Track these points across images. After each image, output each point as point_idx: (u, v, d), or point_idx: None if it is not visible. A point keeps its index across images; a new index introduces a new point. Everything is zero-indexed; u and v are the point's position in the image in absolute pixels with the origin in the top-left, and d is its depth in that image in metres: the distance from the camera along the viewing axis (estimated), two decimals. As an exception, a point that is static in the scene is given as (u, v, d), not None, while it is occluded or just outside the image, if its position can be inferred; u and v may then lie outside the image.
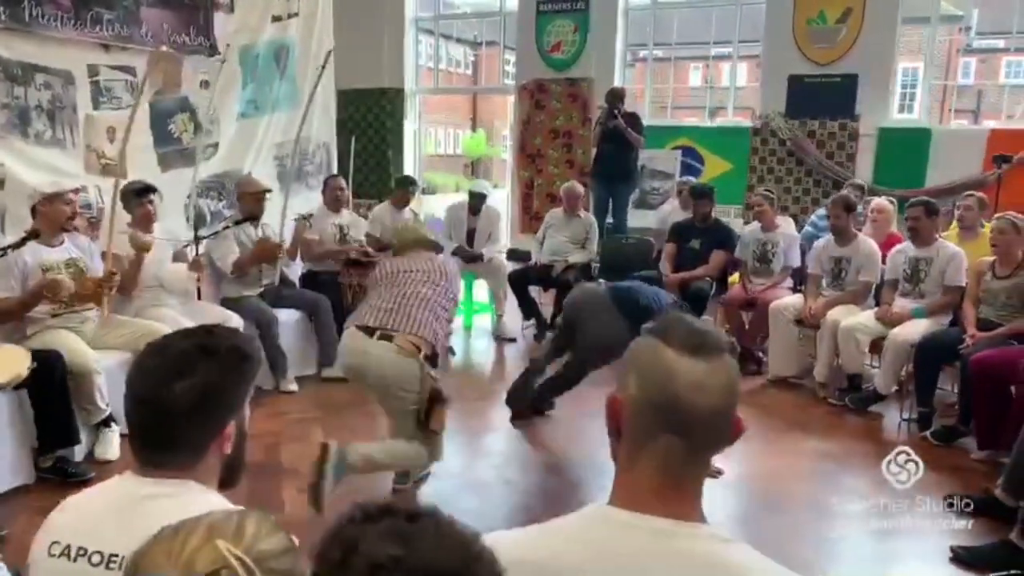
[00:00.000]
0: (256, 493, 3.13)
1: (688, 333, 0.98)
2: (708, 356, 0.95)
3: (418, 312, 2.95)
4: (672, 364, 0.95)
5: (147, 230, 4.00)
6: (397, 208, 5.54)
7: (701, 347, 0.96)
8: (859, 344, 4.29)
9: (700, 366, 0.95)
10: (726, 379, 0.96)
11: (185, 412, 1.14)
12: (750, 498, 3.34)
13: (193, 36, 4.98)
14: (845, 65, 7.36)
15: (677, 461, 0.96)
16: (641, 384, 0.98)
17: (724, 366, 0.97)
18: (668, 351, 0.96)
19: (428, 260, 3.29)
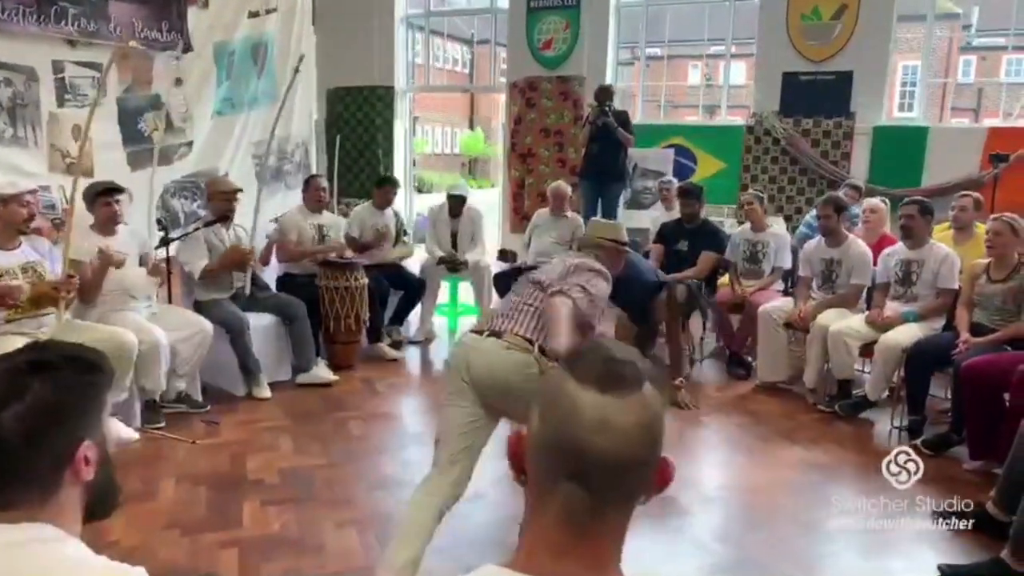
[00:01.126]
0: (215, 506, 3.01)
1: (601, 362, 0.83)
2: (619, 391, 0.80)
3: (525, 318, 2.56)
4: (575, 399, 0.81)
5: (110, 232, 3.87)
6: (378, 208, 5.39)
7: (612, 380, 0.81)
8: (849, 349, 4.15)
9: (607, 402, 0.80)
10: (638, 419, 0.81)
11: (21, 442, 0.98)
12: (731, 512, 3.20)
13: (165, 32, 4.85)
14: (840, 62, 7.22)
15: (580, 515, 0.81)
16: (541, 420, 0.84)
17: (639, 404, 0.81)
18: (571, 383, 0.82)
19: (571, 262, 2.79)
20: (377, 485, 3.17)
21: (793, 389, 4.56)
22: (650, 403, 0.83)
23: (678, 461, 0.89)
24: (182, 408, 3.97)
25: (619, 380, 0.81)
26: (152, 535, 2.76)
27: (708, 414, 4.23)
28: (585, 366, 0.83)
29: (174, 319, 3.98)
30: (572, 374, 0.83)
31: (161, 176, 4.97)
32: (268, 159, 5.39)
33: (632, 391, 0.81)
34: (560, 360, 0.86)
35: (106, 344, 3.50)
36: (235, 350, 4.23)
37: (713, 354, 5.29)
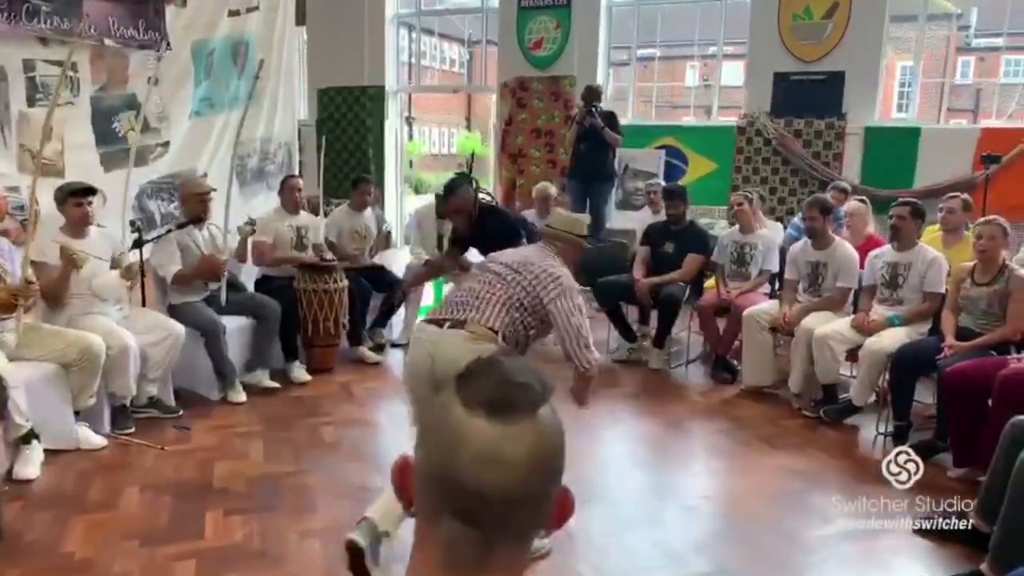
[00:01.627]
0: (178, 515, 2.93)
1: (492, 384, 0.74)
2: (511, 417, 0.72)
3: (491, 307, 2.56)
4: (459, 427, 0.72)
5: (81, 235, 3.79)
6: (356, 210, 5.29)
7: (503, 405, 0.72)
8: (834, 353, 4.07)
9: (496, 432, 0.71)
10: (532, 450, 0.72)
11: None
12: (709, 521, 3.11)
13: (143, 30, 4.77)
14: (832, 62, 7.14)
15: (466, 556, 0.73)
16: (424, 449, 0.76)
17: (533, 432, 0.72)
18: (457, 408, 0.73)
19: (528, 254, 2.76)
20: (344, 494, 3.09)
21: (778, 394, 4.48)
22: (547, 430, 0.74)
23: (656, 468, 0.80)
24: (153, 413, 3.89)
25: (511, 405, 0.72)
26: (109, 546, 2.68)
27: (690, 419, 4.15)
28: (474, 388, 0.74)
29: (145, 322, 3.91)
30: (459, 397, 0.74)
31: (137, 177, 4.89)
32: (251, 159, 5.32)
33: (525, 417, 0.73)
34: (453, 379, 0.78)
35: (72, 349, 3.45)
36: (210, 354, 4.15)
37: (698, 358, 5.21)
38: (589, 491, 3.25)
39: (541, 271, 2.65)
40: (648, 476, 3.54)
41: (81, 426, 3.53)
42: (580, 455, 3.69)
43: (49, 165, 4.38)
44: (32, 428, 3.25)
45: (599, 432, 3.95)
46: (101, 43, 4.56)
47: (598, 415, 4.13)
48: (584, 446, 3.81)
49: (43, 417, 3.34)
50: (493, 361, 0.79)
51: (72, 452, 3.44)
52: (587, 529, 2.96)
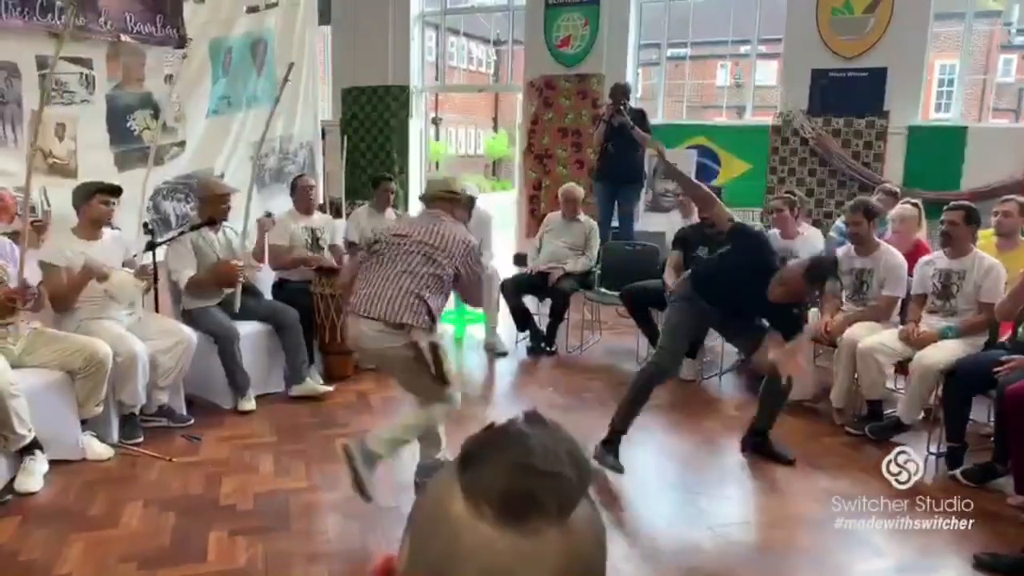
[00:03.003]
0: (181, 534, 2.77)
1: (506, 473, 0.53)
2: (530, 525, 0.51)
3: (399, 298, 2.85)
4: (460, 530, 0.52)
5: (95, 236, 3.66)
6: (378, 210, 5.13)
7: (521, 505, 0.52)
8: (880, 367, 3.80)
9: (507, 545, 0.51)
10: (550, 571, 0.51)
11: None
12: (741, 550, 2.88)
13: (160, 26, 4.65)
14: (873, 58, 6.85)
15: None
16: (412, 553, 0.56)
17: (560, 547, 0.52)
18: (458, 502, 0.53)
19: (432, 224, 2.98)
20: (355, 514, 2.90)
21: (819, 409, 4.23)
22: (580, 543, 0.53)
23: (687, 490, 0.60)
24: (163, 422, 3.75)
25: (531, 508, 0.52)
26: (106, 569, 2.54)
27: (724, 435, 3.91)
28: (483, 475, 0.54)
29: (156, 328, 3.77)
30: (462, 487, 0.54)
31: (152, 177, 4.77)
32: (269, 159, 5.19)
33: (551, 525, 0.52)
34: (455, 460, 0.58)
35: (78, 355, 3.32)
36: (223, 362, 4.00)
37: (733, 368, 4.97)
38: (615, 513, 3.05)
39: (453, 241, 2.93)
40: (678, 498, 3.31)
41: (87, 436, 3.40)
42: (606, 474, 3.47)
43: (61, 164, 4.29)
44: (35, 438, 3.12)
45: (625, 448, 3.73)
46: (117, 39, 4.44)
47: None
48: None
49: (47, 427, 3.21)
50: (511, 432, 0.57)
51: (78, 463, 3.31)
52: (614, 555, 2.75)
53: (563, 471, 0.54)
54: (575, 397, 4.49)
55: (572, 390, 4.60)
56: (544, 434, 0.56)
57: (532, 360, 5.24)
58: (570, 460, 0.55)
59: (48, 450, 3.20)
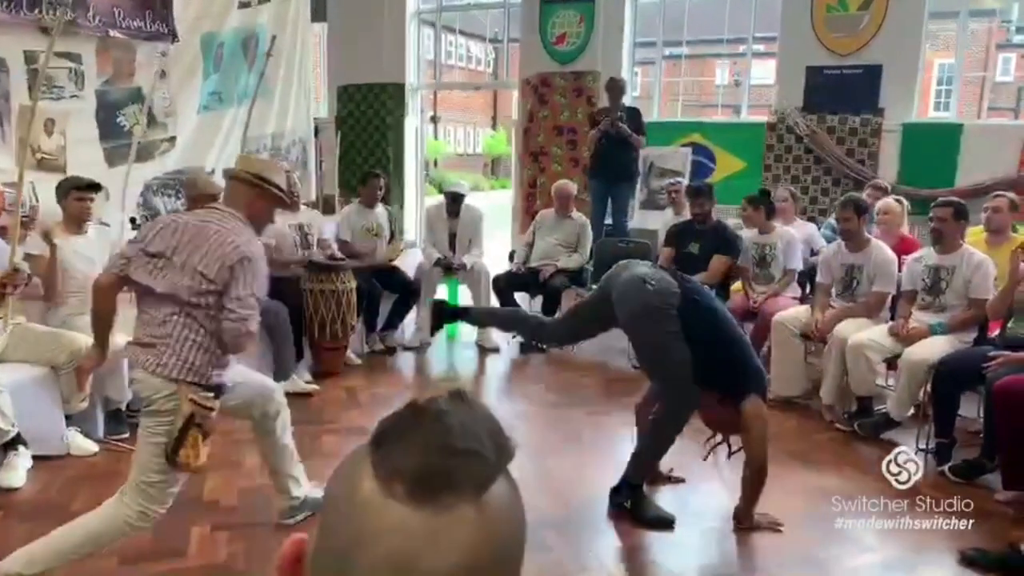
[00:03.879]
0: (162, 530, 2.74)
1: (422, 448, 0.51)
2: (442, 502, 0.49)
3: (164, 344, 2.22)
4: (368, 509, 0.50)
5: (79, 231, 3.66)
6: (367, 207, 5.11)
7: (433, 481, 0.50)
8: (870, 363, 3.79)
9: (418, 523, 0.49)
10: (467, 554, 0.49)
11: None
12: (731, 547, 2.86)
13: (149, 21, 4.63)
14: (868, 56, 6.82)
15: None
16: (322, 532, 0.53)
17: (473, 525, 0.50)
18: (367, 481, 0.51)
19: (198, 232, 2.25)
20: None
21: (809, 405, 4.21)
22: (495, 521, 0.51)
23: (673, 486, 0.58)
24: (150, 418, 3.73)
25: (443, 484, 0.50)
26: (85, 564, 2.51)
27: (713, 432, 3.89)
28: (395, 455, 0.51)
29: (142, 323, 3.75)
30: (373, 465, 0.51)
31: (143, 173, 4.77)
32: (261, 155, 5.16)
33: (464, 502, 0.50)
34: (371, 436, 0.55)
35: (62, 351, 3.31)
36: (209, 357, 3.98)
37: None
38: (601, 511, 3.03)
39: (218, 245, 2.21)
40: (665, 495, 3.29)
41: (72, 431, 3.39)
42: (592, 470, 3.46)
43: (50, 160, 4.28)
44: (18, 434, 3.11)
45: (614, 446, 3.72)
46: (106, 34, 4.42)
47: (613, 427, 3.91)
48: (597, 460, 3.60)
49: (32, 422, 3.20)
50: (429, 411, 0.54)
51: (62, 458, 3.30)
52: (598, 552, 2.74)
53: (480, 449, 0.52)
54: (566, 394, 4.47)
55: (563, 387, 4.59)
56: (464, 412, 0.54)
57: (523, 357, 5.23)
58: (489, 438, 0.53)
59: (32, 446, 3.19)
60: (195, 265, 2.20)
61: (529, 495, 2.05)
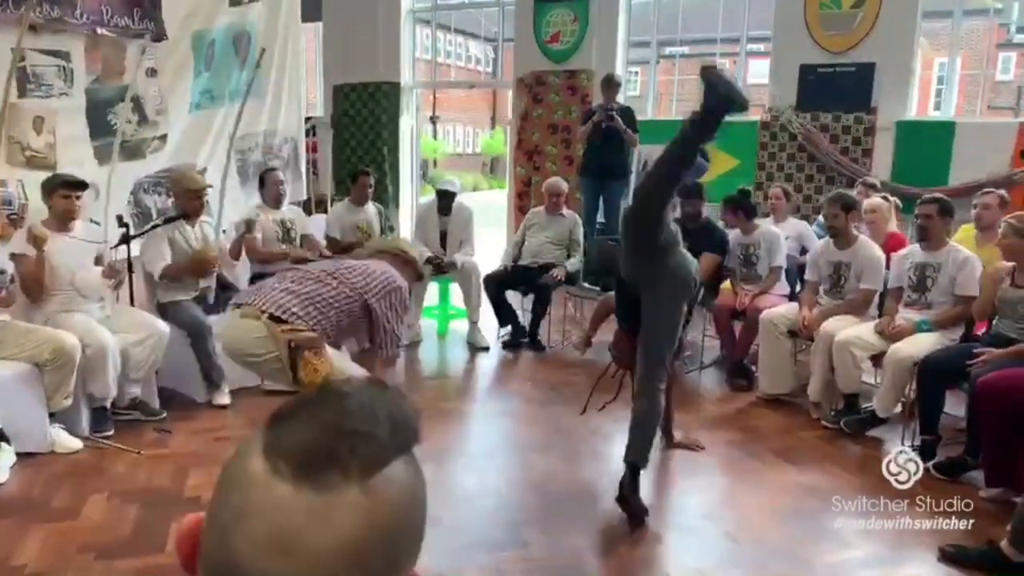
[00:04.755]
0: (142, 526, 2.76)
1: (313, 426, 0.50)
2: (326, 483, 0.48)
3: (277, 295, 2.89)
4: (251, 487, 0.50)
5: (65, 229, 3.66)
6: (357, 204, 5.11)
7: (316, 461, 0.49)
8: (856, 360, 3.78)
9: (299, 503, 0.48)
10: (347, 537, 0.48)
11: None
12: (713, 544, 2.85)
13: (137, 19, 4.63)
14: (861, 54, 6.81)
15: None
16: (209, 512, 0.53)
17: (355, 508, 0.49)
18: (255, 459, 0.50)
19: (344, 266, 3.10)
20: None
21: (798, 402, 4.21)
22: (380, 506, 0.50)
23: (657, 482, 0.58)
24: (135, 415, 3.74)
25: (327, 464, 0.49)
26: (64, 559, 2.53)
27: (700, 429, 3.88)
28: (284, 432, 0.51)
29: (128, 321, 3.76)
30: (264, 444, 0.51)
31: (134, 171, 4.77)
32: (253, 153, 5.18)
33: (347, 484, 0.49)
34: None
35: (45, 347, 3.31)
36: (197, 355, 3.99)
37: (714, 363, 4.94)
38: (583, 507, 3.03)
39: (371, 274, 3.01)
40: (648, 491, 3.28)
41: (56, 428, 3.39)
42: (576, 467, 3.46)
43: (40, 158, 4.27)
44: (1, 430, 3.12)
45: (601, 441, 3.72)
46: (94, 32, 4.42)
47: (601, 423, 3.90)
48: (582, 456, 3.60)
49: (15, 419, 3.21)
50: (330, 392, 0.53)
51: (46, 455, 3.30)
52: (578, 548, 2.74)
53: (373, 430, 0.51)
54: (555, 391, 4.46)
55: (552, 384, 4.58)
56: (368, 396, 0.53)
57: (513, 355, 5.22)
58: (387, 420, 0.52)
59: (16, 442, 3.20)
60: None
61: (512, 492, 2.08)
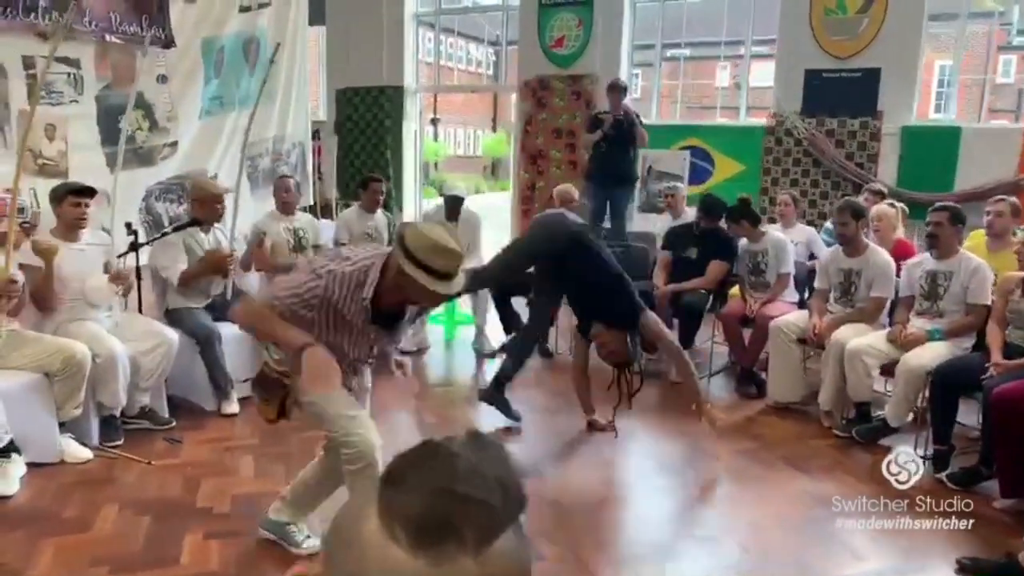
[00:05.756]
0: (155, 538, 2.75)
1: (428, 492, 0.50)
2: (443, 554, 0.48)
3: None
4: (367, 552, 0.50)
5: (74, 238, 3.64)
6: (367, 211, 5.10)
7: (435, 531, 0.49)
8: (868, 368, 3.78)
9: (418, 570, 0.48)
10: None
11: None
12: (726, 555, 2.84)
13: (146, 26, 4.63)
14: (867, 59, 6.81)
15: None
16: (324, 562, 0.54)
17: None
18: (371, 522, 0.50)
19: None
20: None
21: (808, 411, 4.20)
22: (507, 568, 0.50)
23: (671, 492, 0.58)
24: (145, 424, 3.73)
25: (445, 535, 0.48)
26: (77, 572, 2.51)
27: (709, 438, 3.87)
28: (400, 495, 0.50)
29: (137, 329, 3.75)
30: (379, 506, 0.51)
31: (145, 179, 4.76)
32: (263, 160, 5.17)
33: (465, 555, 0.48)
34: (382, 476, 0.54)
35: (55, 357, 3.30)
36: (205, 363, 3.98)
37: (723, 370, 4.93)
38: (593, 517, 3.02)
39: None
40: (662, 501, 3.28)
41: (66, 438, 3.38)
42: (588, 475, 3.45)
43: (51, 166, 4.28)
44: (11, 441, 3.10)
45: (610, 450, 3.71)
46: (103, 39, 4.42)
47: (609, 433, 3.89)
48: (593, 466, 3.59)
49: (25, 429, 3.19)
50: (440, 452, 0.52)
51: (56, 465, 3.29)
52: (590, 559, 2.73)
53: (488, 499, 0.50)
54: (562, 399, 4.44)
55: (559, 392, 4.57)
56: (477, 456, 0.53)
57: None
58: (499, 488, 0.51)
59: (26, 453, 3.18)
60: None
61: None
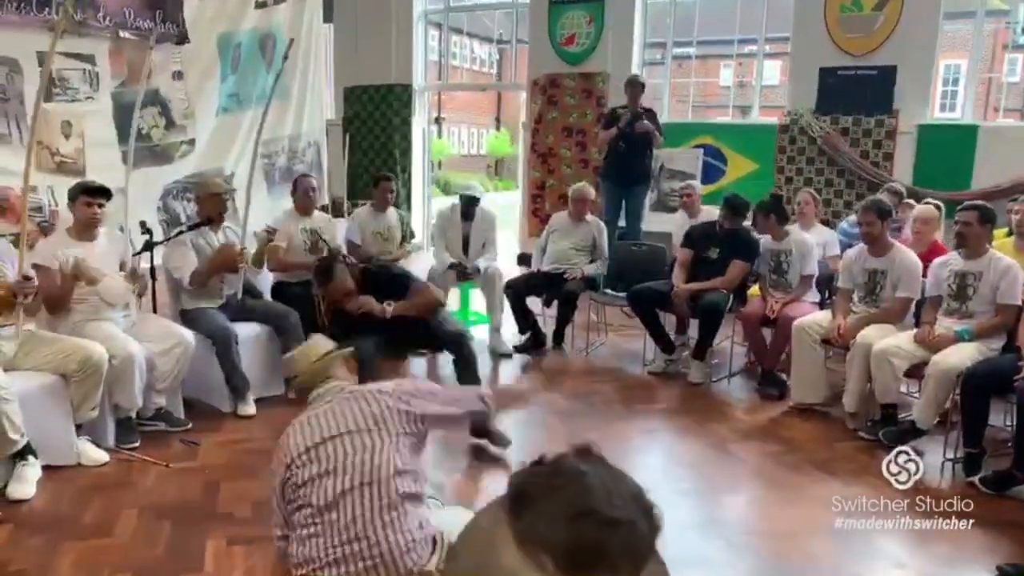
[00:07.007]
0: (176, 544, 2.69)
1: (571, 515, 0.46)
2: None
3: (378, 533, 1.95)
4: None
5: (88, 237, 3.58)
6: (379, 210, 5.05)
7: (589, 556, 0.45)
8: (895, 369, 3.71)
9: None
10: None
11: None
12: (759, 562, 2.79)
13: (159, 22, 4.57)
14: (882, 56, 6.76)
15: None
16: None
17: None
18: (511, 551, 0.46)
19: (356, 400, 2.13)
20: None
21: (831, 412, 4.13)
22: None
23: (697, 496, 0.54)
24: (161, 426, 3.67)
25: (598, 561, 0.45)
26: (99, 579, 2.46)
27: (734, 440, 3.82)
28: (540, 524, 0.46)
29: (153, 330, 3.69)
30: (516, 534, 0.47)
31: (163, 176, 4.71)
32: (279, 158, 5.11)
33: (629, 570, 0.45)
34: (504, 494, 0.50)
35: (72, 358, 3.24)
36: (221, 364, 3.92)
37: (742, 371, 4.88)
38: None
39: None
40: (688, 506, 3.22)
41: (83, 440, 3.32)
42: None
43: (69, 163, 4.23)
44: (28, 444, 3.05)
45: (633, 453, 3.66)
46: (116, 35, 4.37)
47: (632, 433, 3.84)
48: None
49: (41, 431, 3.13)
50: (566, 470, 0.49)
51: (72, 468, 3.23)
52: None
53: (633, 519, 0.48)
54: (580, 401, 4.40)
55: (577, 394, 4.51)
56: (602, 472, 0.50)
57: (536, 362, 5.15)
58: (636, 504, 0.49)
59: (42, 455, 3.12)
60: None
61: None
